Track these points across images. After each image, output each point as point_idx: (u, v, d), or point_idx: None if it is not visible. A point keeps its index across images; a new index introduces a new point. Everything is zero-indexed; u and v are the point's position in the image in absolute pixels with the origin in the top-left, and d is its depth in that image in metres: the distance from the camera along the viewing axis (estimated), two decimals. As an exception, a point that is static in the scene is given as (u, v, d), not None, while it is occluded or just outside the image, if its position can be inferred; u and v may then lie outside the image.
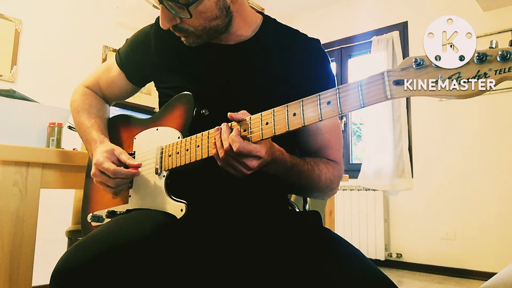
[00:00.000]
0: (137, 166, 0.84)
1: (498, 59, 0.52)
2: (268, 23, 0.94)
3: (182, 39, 0.86)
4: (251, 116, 0.70)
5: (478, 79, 0.54)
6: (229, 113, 0.70)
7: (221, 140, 0.69)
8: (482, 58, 0.53)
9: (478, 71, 0.54)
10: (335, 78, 0.92)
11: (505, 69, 0.52)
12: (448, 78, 0.55)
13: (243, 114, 0.71)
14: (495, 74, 0.53)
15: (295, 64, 0.88)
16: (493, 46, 0.53)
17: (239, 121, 0.71)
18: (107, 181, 0.83)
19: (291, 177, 0.80)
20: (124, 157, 0.86)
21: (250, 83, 0.87)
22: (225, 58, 0.89)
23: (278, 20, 0.96)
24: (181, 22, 0.81)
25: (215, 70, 0.89)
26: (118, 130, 1.00)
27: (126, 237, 0.68)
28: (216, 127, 0.72)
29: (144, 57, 0.97)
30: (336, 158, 0.90)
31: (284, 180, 0.80)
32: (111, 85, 1.05)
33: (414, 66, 0.57)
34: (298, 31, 0.94)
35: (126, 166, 0.85)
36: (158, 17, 0.95)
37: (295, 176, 0.80)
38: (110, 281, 0.61)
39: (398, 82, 0.57)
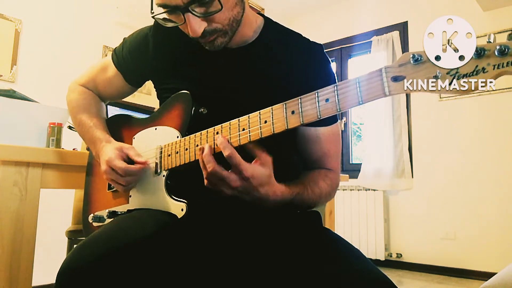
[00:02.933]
0: (144, 163, 0.85)
1: (496, 54, 0.52)
2: (271, 25, 0.93)
3: (207, 46, 0.83)
4: (250, 114, 0.70)
5: (476, 74, 0.53)
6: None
7: (203, 161, 0.71)
8: (480, 53, 0.53)
9: (476, 66, 0.53)
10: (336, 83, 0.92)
11: (503, 63, 0.52)
12: (447, 73, 0.55)
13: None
14: (493, 69, 0.52)
15: (297, 68, 0.87)
16: (491, 40, 0.53)
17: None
18: (118, 179, 0.84)
19: (292, 206, 0.81)
20: (132, 153, 0.86)
21: (250, 86, 0.87)
22: (226, 61, 0.89)
23: (279, 22, 0.96)
24: (208, 24, 0.78)
25: (215, 73, 0.88)
26: (117, 130, 0.99)
27: (130, 237, 0.68)
28: (199, 147, 0.73)
29: (142, 59, 0.96)
30: (333, 166, 0.91)
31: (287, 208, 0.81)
32: (107, 85, 1.05)
33: (412, 62, 0.56)
34: (301, 35, 0.93)
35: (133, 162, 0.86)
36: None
37: (297, 204, 0.81)
38: (115, 280, 0.62)
39: (396, 78, 0.57)
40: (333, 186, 0.88)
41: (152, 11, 0.79)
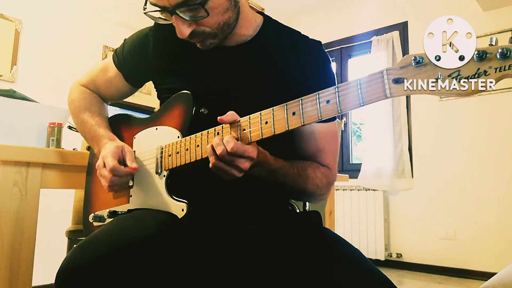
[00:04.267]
0: (133, 169, 0.84)
1: (498, 57, 0.52)
2: (269, 24, 0.93)
3: (198, 45, 0.85)
4: (250, 115, 0.70)
5: (478, 77, 0.53)
6: (219, 118, 0.70)
7: (212, 146, 0.70)
8: (482, 56, 0.53)
9: (478, 69, 0.53)
10: (336, 81, 0.91)
11: (505, 66, 0.52)
12: (448, 76, 0.55)
13: (232, 115, 0.71)
14: (495, 72, 0.52)
15: (296, 65, 0.87)
16: (493, 43, 0.53)
17: (231, 123, 0.71)
18: (106, 176, 0.84)
19: (276, 180, 0.80)
20: (128, 156, 0.86)
21: (250, 85, 0.87)
22: (225, 60, 0.89)
23: (279, 21, 0.96)
24: (197, 26, 0.80)
25: (215, 72, 0.89)
26: (118, 129, 1.00)
27: (132, 236, 0.68)
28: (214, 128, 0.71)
29: (142, 59, 0.97)
30: (328, 163, 0.89)
31: (269, 182, 0.80)
32: (108, 86, 1.05)
33: (413, 64, 0.56)
34: (300, 32, 0.93)
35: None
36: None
37: (280, 179, 0.80)
38: (114, 280, 0.61)
39: (398, 80, 0.57)
40: (323, 181, 0.87)
41: (145, 7, 0.80)
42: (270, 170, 0.77)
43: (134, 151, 0.92)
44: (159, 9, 0.78)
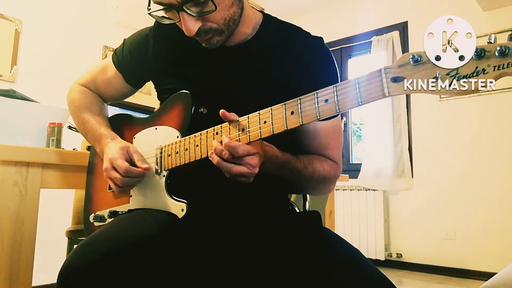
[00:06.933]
0: (145, 169, 0.84)
1: (497, 55, 0.52)
2: (269, 21, 0.93)
3: (204, 44, 0.84)
4: (249, 115, 0.70)
5: (477, 75, 0.53)
6: (221, 110, 0.71)
7: (218, 154, 0.70)
8: (480, 53, 0.53)
9: (477, 67, 0.53)
10: (339, 78, 0.90)
11: (503, 65, 0.52)
12: (447, 75, 0.55)
13: (234, 115, 0.72)
14: (494, 70, 0.52)
15: (297, 63, 0.87)
16: (492, 41, 0.53)
17: (230, 122, 0.72)
18: (116, 178, 0.84)
19: (284, 174, 0.81)
20: (136, 157, 0.86)
21: (250, 83, 0.87)
22: (224, 60, 0.88)
23: (279, 18, 0.95)
24: (203, 23, 0.79)
25: (214, 72, 0.88)
26: (117, 129, 0.99)
27: (131, 236, 0.68)
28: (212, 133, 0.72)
29: (142, 60, 0.96)
30: (334, 158, 0.90)
31: (277, 177, 0.81)
32: (108, 86, 1.05)
33: (411, 62, 0.56)
34: (301, 28, 0.92)
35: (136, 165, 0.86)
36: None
37: (288, 173, 0.81)
38: (116, 280, 0.61)
39: (396, 79, 0.57)
40: (331, 174, 0.87)
41: (149, 7, 0.79)
42: (278, 164, 0.78)
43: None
44: (164, 7, 0.77)
